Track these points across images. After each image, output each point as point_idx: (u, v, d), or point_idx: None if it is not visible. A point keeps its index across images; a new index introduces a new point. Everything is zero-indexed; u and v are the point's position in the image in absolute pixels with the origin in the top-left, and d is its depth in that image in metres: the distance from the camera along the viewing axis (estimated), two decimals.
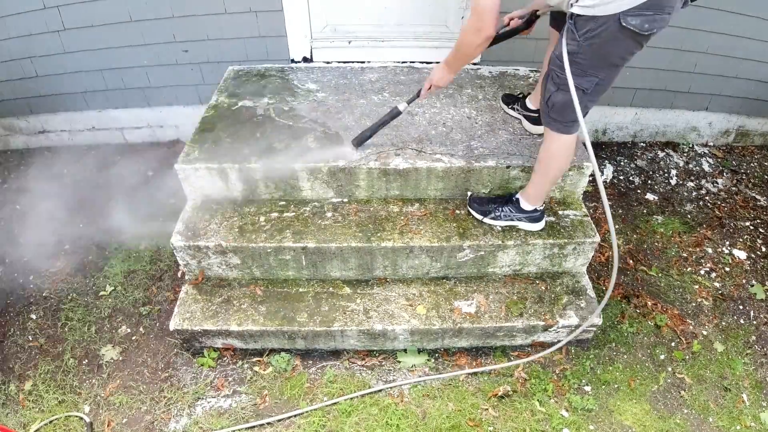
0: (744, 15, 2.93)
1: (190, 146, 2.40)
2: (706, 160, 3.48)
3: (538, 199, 2.22)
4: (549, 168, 2.08)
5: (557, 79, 1.81)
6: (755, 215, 3.10)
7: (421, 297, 2.31)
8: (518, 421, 2.10)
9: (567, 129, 1.93)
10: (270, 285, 2.36)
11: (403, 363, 2.29)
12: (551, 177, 2.12)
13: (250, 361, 2.29)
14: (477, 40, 1.79)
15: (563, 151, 2.00)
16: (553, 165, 2.06)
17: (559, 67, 1.76)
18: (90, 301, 2.55)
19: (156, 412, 2.12)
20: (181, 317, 2.22)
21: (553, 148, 2.01)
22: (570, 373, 2.27)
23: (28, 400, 2.16)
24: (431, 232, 2.28)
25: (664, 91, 3.29)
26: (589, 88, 1.77)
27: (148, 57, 3.00)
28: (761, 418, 2.17)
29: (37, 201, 3.07)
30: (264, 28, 2.88)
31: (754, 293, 2.65)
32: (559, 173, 2.11)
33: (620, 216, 3.04)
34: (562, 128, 1.93)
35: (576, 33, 1.68)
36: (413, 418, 2.09)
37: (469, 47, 1.85)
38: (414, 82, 2.85)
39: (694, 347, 2.41)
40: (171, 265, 2.68)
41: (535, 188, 2.19)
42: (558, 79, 1.80)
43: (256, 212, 2.37)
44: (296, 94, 2.73)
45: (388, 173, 2.34)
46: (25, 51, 2.99)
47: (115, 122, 3.36)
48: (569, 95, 1.76)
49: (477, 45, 1.82)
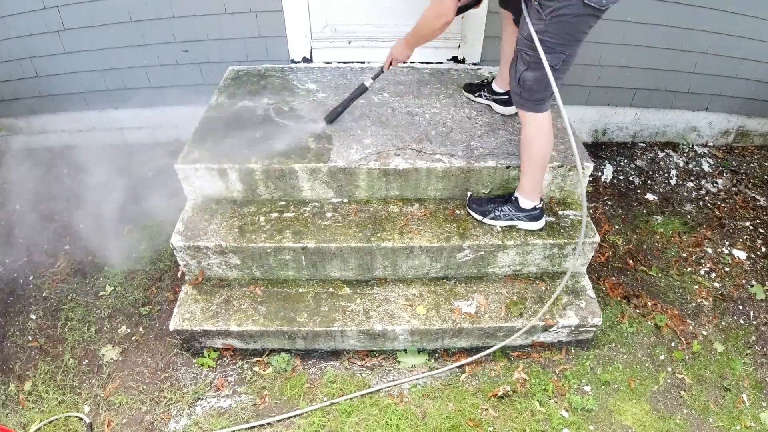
0: (744, 15, 2.93)
1: (190, 146, 2.40)
2: (706, 160, 3.48)
3: (535, 193, 2.22)
4: (531, 152, 2.11)
5: (527, 57, 1.89)
6: (755, 215, 3.10)
7: (421, 297, 2.31)
8: (518, 421, 2.10)
9: (538, 107, 2.01)
10: (270, 285, 2.36)
11: (403, 363, 2.29)
12: (538, 162, 2.14)
13: (250, 361, 2.29)
14: (436, 24, 1.94)
15: (541, 132, 2.06)
16: (535, 148, 2.10)
17: (529, 47, 1.85)
18: (90, 301, 2.55)
19: (156, 412, 2.12)
20: (181, 317, 2.22)
21: (530, 131, 2.06)
22: (570, 373, 2.27)
23: (28, 400, 2.16)
24: (431, 233, 2.28)
25: (664, 91, 3.29)
26: (558, 64, 1.86)
27: (148, 57, 3.00)
28: (761, 418, 2.17)
29: (37, 201, 3.08)
30: (264, 28, 2.88)
31: (754, 293, 2.65)
32: (544, 157, 2.14)
33: (620, 216, 3.04)
34: (534, 107, 2.01)
35: (542, 12, 1.77)
36: (413, 418, 2.09)
37: (428, 29, 2.00)
38: (414, 82, 2.85)
39: (694, 347, 2.41)
40: (171, 266, 2.68)
41: (527, 180, 2.20)
42: (528, 58, 1.88)
43: (256, 212, 2.37)
44: (296, 95, 2.73)
45: (388, 173, 2.34)
46: (25, 51, 2.99)
47: (115, 122, 3.36)
48: (538, 72, 1.87)
49: (436, 29, 1.97)
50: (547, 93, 1.97)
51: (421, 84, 2.85)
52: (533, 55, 1.85)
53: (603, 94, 3.27)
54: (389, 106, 2.67)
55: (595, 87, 3.22)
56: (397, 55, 2.22)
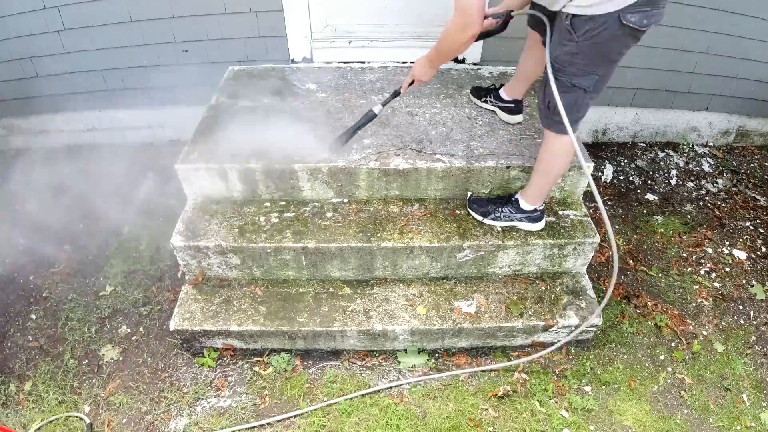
0: (744, 15, 2.93)
1: (190, 146, 2.40)
2: (706, 160, 3.48)
3: (538, 199, 2.22)
4: (550, 168, 2.08)
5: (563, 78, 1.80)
6: (755, 215, 3.10)
7: (421, 297, 2.31)
8: (518, 421, 2.10)
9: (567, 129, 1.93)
10: (270, 285, 2.36)
11: (403, 363, 2.29)
12: (552, 177, 2.12)
13: (250, 361, 2.29)
14: (463, 38, 1.77)
15: (564, 151, 2.00)
16: (554, 165, 2.06)
17: (558, 70, 1.77)
18: (90, 301, 2.55)
19: (156, 412, 2.12)
20: (181, 317, 2.22)
21: (554, 148, 2.01)
22: (570, 374, 2.27)
23: (28, 400, 2.16)
24: (431, 233, 2.28)
25: (664, 91, 3.29)
26: (590, 86, 1.78)
27: (148, 57, 3.00)
28: (761, 418, 2.17)
29: (38, 201, 3.07)
30: (264, 28, 2.88)
31: (754, 293, 2.65)
32: (560, 174, 2.12)
33: (620, 216, 3.04)
34: (564, 129, 1.92)
35: (574, 33, 1.66)
36: (413, 418, 2.10)
37: (454, 44, 1.82)
38: None
39: (694, 347, 2.41)
40: (171, 265, 2.68)
41: (535, 189, 2.19)
42: (564, 79, 1.79)
43: (256, 212, 2.37)
44: (296, 94, 2.73)
45: (388, 173, 2.34)
46: (25, 51, 2.99)
47: (115, 122, 3.36)
48: (572, 96, 1.78)
49: (462, 43, 1.80)
50: (579, 115, 1.90)
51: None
52: (563, 80, 1.77)
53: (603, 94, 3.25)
54: (389, 105, 2.66)
55: None
56: (420, 76, 2.07)
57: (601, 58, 1.72)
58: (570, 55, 1.72)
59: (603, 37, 1.64)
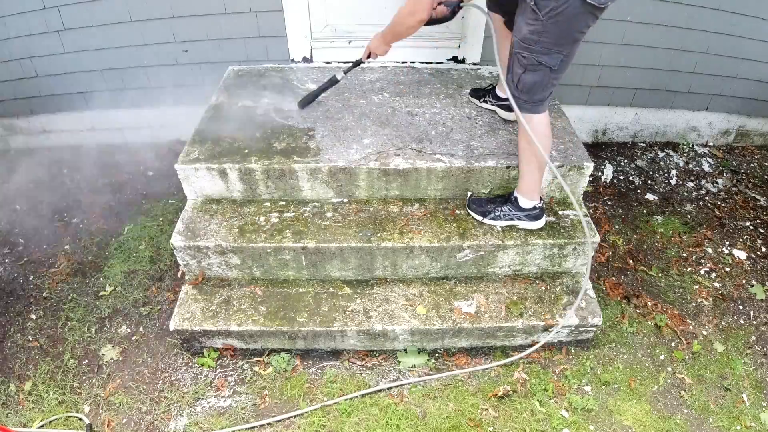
0: (744, 15, 2.93)
1: (190, 146, 2.40)
2: (706, 160, 3.48)
3: (534, 192, 2.22)
4: (530, 153, 2.10)
5: (524, 60, 1.88)
6: (755, 215, 3.10)
7: (421, 297, 2.31)
8: (518, 421, 2.10)
9: (536, 108, 2.00)
10: (270, 285, 2.36)
11: (403, 363, 2.29)
12: (536, 163, 2.13)
13: (250, 361, 2.29)
14: (411, 21, 1.96)
15: (541, 132, 2.05)
16: (535, 149, 2.08)
17: (525, 48, 1.84)
18: (90, 301, 2.55)
19: (156, 412, 2.12)
20: (181, 317, 2.22)
21: (531, 131, 2.04)
22: (570, 374, 2.27)
23: (28, 400, 2.16)
24: (431, 232, 2.28)
25: (664, 91, 3.29)
26: (556, 64, 1.85)
27: (148, 57, 3.00)
28: (761, 418, 2.17)
29: (37, 201, 3.08)
30: (264, 28, 2.88)
31: (754, 293, 2.65)
32: (543, 158, 2.12)
33: (620, 216, 3.04)
34: (532, 108, 2.00)
35: (539, 13, 1.74)
36: (413, 418, 2.09)
37: (402, 26, 2.02)
38: (414, 83, 2.85)
39: (694, 347, 2.41)
40: (171, 265, 2.68)
41: (526, 180, 2.20)
42: (526, 60, 1.87)
43: (256, 212, 2.37)
44: (297, 94, 2.73)
45: (388, 173, 2.34)
46: (25, 51, 2.99)
47: (115, 122, 3.36)
48: (537, 74, 1.86)
49: (410, 26, 1.99)
50: (546, 94, 1.97)
51: (421, 84, 2.85)
52: (530, 57, 1.84)
53: (603, 94, 3.28)
54: (389, 105, 2.67)
55: (595, 87, 3.22)
56: (374, 49, 2.24)
57: (565, 37, 1.80)
58: (537, 34, 1.79)
59: (566, 15, 1.72)
